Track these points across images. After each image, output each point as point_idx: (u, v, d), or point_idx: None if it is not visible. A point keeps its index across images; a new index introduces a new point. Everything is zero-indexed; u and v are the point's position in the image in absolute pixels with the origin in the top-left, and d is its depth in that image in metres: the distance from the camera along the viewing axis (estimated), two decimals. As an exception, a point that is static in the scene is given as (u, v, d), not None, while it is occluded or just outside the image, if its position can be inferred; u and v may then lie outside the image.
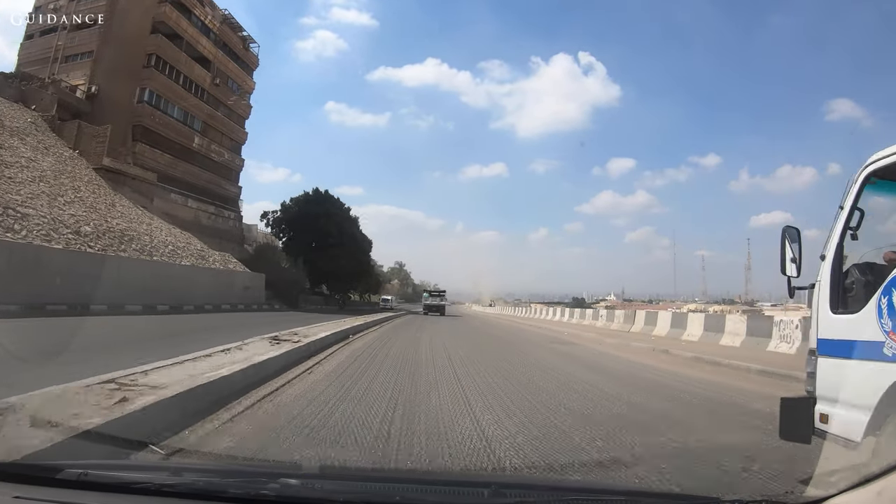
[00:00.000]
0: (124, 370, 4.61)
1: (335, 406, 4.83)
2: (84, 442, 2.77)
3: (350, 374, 7.04)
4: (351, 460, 3.31)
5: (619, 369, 8.98)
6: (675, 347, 12.20)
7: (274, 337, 9.05)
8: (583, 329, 20.83)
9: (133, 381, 4.19)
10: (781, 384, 6.86)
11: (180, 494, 1.67)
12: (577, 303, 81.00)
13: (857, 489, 1.53)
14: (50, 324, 12.03)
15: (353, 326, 14.41)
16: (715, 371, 8.95)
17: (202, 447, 3.32)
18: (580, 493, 2.04)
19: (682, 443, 3.99)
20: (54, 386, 3.76)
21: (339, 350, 9.88)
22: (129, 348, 8.38)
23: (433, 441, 3.79)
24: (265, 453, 3.32)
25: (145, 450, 3.00)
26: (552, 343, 15.01)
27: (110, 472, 1.84)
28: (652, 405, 5.63)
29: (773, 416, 3.23)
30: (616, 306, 71.07)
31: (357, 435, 3.86)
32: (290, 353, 7.45)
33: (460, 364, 8.73)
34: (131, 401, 3.51)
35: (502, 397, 5.68)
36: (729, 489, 2.78)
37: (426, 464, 3.34)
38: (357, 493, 1.80)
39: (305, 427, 4.00)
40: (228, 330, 11.89)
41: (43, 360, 6.56)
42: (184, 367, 5.18)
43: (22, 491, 1.63)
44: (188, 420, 3.79)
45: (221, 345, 7.18)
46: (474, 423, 4.38)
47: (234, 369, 5.28)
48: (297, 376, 6.39)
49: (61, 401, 3.43)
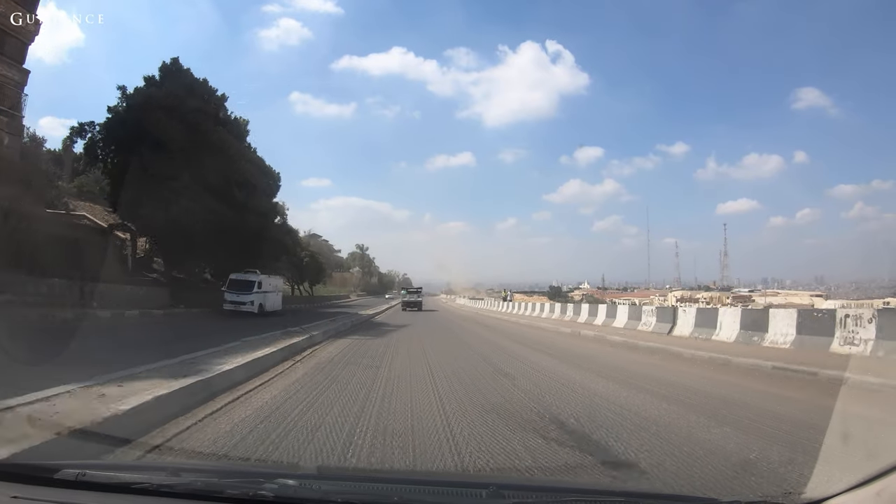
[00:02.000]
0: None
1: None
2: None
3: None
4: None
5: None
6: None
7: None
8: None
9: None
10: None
11: (178, 495, 1.66)
12: (554, 292, 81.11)
13: (856, 490, 1.52)
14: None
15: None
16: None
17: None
18: (579, 494, 2.03)
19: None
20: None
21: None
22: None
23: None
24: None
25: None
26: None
27: (108, 472, 1.84)
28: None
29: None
30: (594, 294, 71.75)
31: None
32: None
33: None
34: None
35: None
36: (728, 489, 2.82)
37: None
38: (355, 494, 1.77)
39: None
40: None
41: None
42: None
43: (20, 491, 1.63)
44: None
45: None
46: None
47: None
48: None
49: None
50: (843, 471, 1.95)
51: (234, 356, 7.38)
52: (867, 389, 6.41)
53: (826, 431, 3.25)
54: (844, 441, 2.92)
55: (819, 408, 5.05)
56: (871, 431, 3.69)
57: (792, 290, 67.81)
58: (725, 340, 11.70)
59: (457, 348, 12.33)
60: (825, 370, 7.30)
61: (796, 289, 74.58)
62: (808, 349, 9.50)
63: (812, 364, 7.79)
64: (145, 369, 5.79)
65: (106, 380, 5.04)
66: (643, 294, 74.71)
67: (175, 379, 5.29)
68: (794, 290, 72.33)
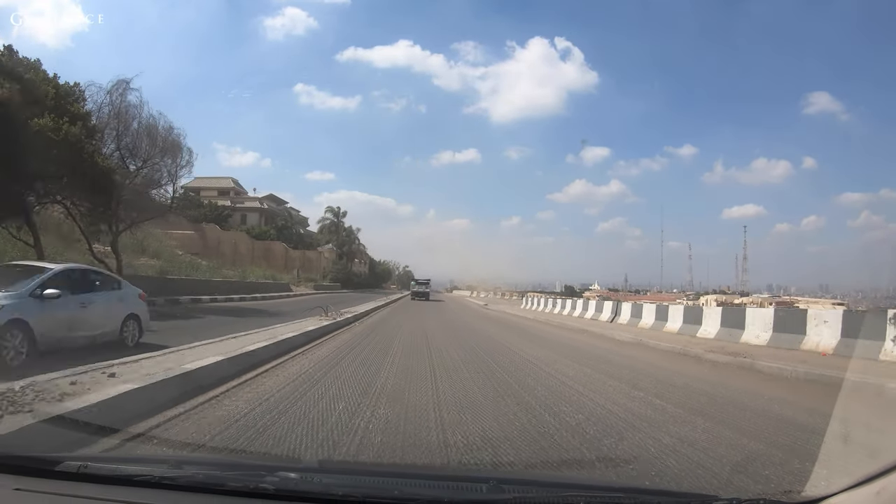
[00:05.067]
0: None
1: None
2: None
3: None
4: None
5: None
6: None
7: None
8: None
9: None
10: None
11: (180, 487, 1.66)
12: (569, 292, 79.93)
13: (856, 489, 1.51)
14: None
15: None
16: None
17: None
18: (579, 489, 2.04)
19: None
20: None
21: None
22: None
23: None
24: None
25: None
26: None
27: (110, 465, 1.86)
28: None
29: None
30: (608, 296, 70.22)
31: None
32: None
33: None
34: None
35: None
36: (727, 487, 2.85)
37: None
38: (355, 487, 1.75)
39: None
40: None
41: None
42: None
43: (22, 483, 1.63)
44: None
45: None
46: None
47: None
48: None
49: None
50: (843, 469, 1.85)
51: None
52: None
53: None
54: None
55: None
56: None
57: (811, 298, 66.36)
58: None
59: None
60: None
61: (802, 296, 72.96)
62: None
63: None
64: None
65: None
66: (658, 297, 73.20)
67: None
68: (797, 296, 70.68)
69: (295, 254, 58.44)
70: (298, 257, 58.51)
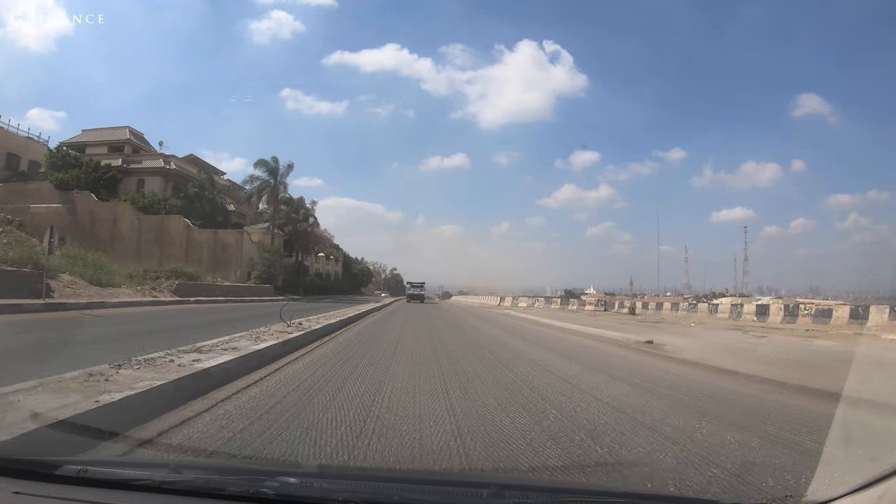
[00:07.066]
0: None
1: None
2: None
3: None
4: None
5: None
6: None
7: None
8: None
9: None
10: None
11: (180, 492, 1.66)
12: (568, 295, 78.95)
13: (858, 493, 1.49)
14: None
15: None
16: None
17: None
18: (579, 494, 2.02)
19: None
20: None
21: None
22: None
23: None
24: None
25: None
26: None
27: (110, 469, 1.86)
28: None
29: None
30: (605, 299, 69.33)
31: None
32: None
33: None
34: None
35: None
36: (728, 491, 2.74)
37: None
38: (356, 493, 1.75)
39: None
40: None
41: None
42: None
43: (22, 486, 1.63)
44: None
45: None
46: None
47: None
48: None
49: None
50: (845, 474, 1.87)
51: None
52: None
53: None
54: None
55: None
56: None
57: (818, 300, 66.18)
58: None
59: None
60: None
61: (793, 298, 72.62)
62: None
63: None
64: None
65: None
66: (657, 300, 72.39)
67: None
68: (794, 296, 70.49)
69: (203, 235, 41.50)
70: (207, 240, 41.52)
